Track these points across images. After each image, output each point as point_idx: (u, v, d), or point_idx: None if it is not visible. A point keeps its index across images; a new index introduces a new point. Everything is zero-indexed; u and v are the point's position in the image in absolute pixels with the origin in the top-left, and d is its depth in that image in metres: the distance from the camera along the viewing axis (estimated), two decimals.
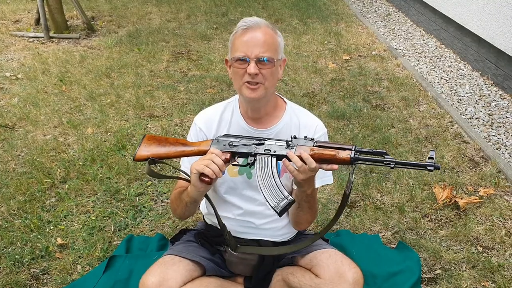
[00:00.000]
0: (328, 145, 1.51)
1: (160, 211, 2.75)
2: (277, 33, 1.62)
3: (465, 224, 2.60)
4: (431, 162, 1.43)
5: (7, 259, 2.37)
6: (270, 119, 1.75)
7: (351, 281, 1.63)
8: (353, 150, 1.48)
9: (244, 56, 1.55)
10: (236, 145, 1.58)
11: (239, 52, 1.56)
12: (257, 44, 1.54)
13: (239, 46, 1.56)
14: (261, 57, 1.55)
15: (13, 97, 4.24)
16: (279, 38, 1.63)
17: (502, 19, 4.25)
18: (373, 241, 2.47)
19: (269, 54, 1.56)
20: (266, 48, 1.55)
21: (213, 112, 1.81)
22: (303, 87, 4.45)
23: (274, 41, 1.59)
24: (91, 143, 3.45)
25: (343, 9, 7.29)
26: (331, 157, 1.48)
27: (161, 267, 1.65)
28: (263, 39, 1.55)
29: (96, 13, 7.02)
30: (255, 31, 1.55)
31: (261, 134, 1.72)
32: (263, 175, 1.54)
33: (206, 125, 1.78)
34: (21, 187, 2.93)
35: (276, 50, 1.60)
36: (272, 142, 1.57)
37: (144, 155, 1.64)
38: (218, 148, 1.59)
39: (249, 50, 1.54)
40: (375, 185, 2.95)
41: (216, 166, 1.51)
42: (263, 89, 1.60)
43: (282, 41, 1.65)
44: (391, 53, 5.32)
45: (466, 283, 2.21)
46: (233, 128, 1.76)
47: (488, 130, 3.67)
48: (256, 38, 1.55)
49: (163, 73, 4.82)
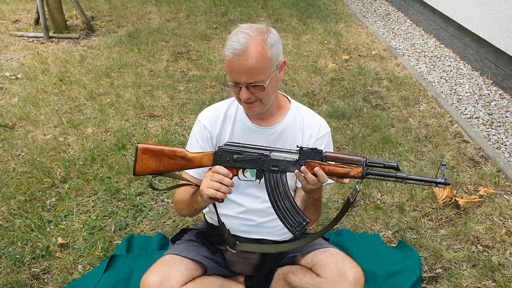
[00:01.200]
0: (338, 156, 1.48)
1: (160, 210, 2.75)
2: (267, 44, 1.54)
3: (465, 223, 2.61)
4: (441, 178, 1.43)
5: (8, 258, 2.37)
6: (275, 117, 1.76)
7: (352, 281, 1.63)
8: (364, 166, 1.47)
9: (235, 83, 1.56)
10: (241, 160, 1.55)
11: (230, 77, 1.56)
12: (244, 72, 1.52)
13: (230, 71, 1.55)
14: (251, 83, 1.54)
15: (13, 97, 4.24)
16: (270, 50, 1.54)
17: (501, 19, 4.25)
18: (373, 240, 2.48)
19: (259, 78, 1.54)
20: (254, 74, 1.53)
21: (217, 109, 1.80)
22: (303, 86, 4.45)
23: (263, 61, 1.53)
24: (91, 143, 3.45)
25: (343, 8, 7.29)
26: (343, 174, 1.48)
27: (162, 267, 1.65)
28: (251, 65, 1.51)
29: (96, 13, 7.02)
30: (241, 58, 1.50)
31: (265, 132, 1.73)
32: (276, 196, 1.54)
33: (211, 122, 1.77)
34: (22, 187, 2.93)
35: (267, 68, 1.55)
36: (279, 156, 1.53)
37: (144, 172, 1.58)
38: (222, 163, 1.55)
39: (238, 78, 1.54)
40: (375, 184, 2.95)
41: (227, 188, 1.51)
42: (260, 104, 1.62)
43: (277, 44, 1.58)
44: (391, 53, 5.32)
45: (467, 282, 2.22)
46: (237, 126, 1.76)
47: (488, 130, 3.67)
48: (243, 66, 1.51)
49: (163, 73, 4.82)
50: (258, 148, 1.56)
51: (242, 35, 1.52)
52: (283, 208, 1.54)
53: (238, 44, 1.51)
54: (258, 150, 1.55)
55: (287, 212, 1.54)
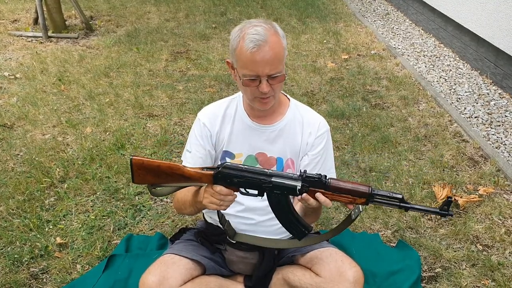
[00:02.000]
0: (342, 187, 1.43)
1: (159, 210, 2.75)
2: (280, 34, 1.56)
3: (464, 222, 2.60)
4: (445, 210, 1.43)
5: (6, 258, 2.36)
6: (274, 115, 1.76)
7: (352, 280, 1.62)
8: (369, 198, 1.43)
9: (256, 76, 1.53)
10: (242, 183, 1.50)
11: (249, 71, 1.52)
12: (268, 63, 1.50)
13: (249, 65, 1.52)
14: (273, 74, 1.53)
15: (11, 97, 4.23)
16: (283, 40, 1.56)
17: (501, 18, 4.25)
18: (373, 240, 2.47)
19: (279, 68, 1.53)
20: (276, 64, 1.52)
21: (217, 107, 1.80)
22: (302, 86, 4.45)
23: (281, 51, 1.54)
24: (90, 143, 3.44)
25: (342, 8, 7.29)
26: (348, 203, 1.46)
27: (161, 266, 1.65)
28: (273, 55, 1.50)
29: (95, 13, 7.01)
30: (264, 49, 1.49)
31: (265, 130, 1.73)
32: (278, 211, 1.54)
33: (210, 120, 1.77)
34: (20, 187, 2.92)
35: (283, 57, 1.57)
36: (281, 182, 1.46)
37: (143, 182, 1.54)
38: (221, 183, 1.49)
39: (260, 70, 1.51)
40: (374, 184, 2.95)
41: (229, 202, 1.51)
42: (273, 99, 1.63)
43: (285, 37, 1.60)
44: (390, 52, 5.32)
45: (466, 281, 2.21)
46: (236, 124, 1.76)
47: (487, 129, 3.67)
48: (266, 57, 1.49)
49: (162, 73, 4.81)
50: (259, 173, 1.48)
51: (259, 28, 1.51)
52: (286, 220, 1.55)
53: (259, 36, 1.49)
54: (259, 176, 1.47)
55: (290, 223, 1.55)
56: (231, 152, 1.78)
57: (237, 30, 1.55)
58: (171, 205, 2.78)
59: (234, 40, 1.55)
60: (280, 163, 1.77)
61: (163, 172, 1.51)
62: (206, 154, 1.77)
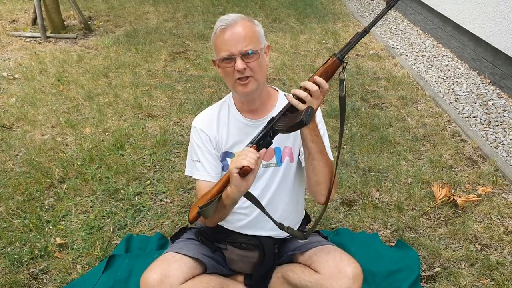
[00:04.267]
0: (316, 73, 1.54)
1: (159, 210, 2.75)
2: (254, 23, 1.64)
3: (463, 222, 2.61)
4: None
5: (6, 259, 2.36)
6: (266, 108, 1.77)
7: (351, 276, 1.63)
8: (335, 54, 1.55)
9: (229, 55, 1.57)
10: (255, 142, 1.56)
11: (223, 52, 1.58)
12: (238, 39, 1.56)
13: (222, 45, 1.58)
14: (245, 51, 1.56)
15: (10, 97, 4.23)
16: (257, 27, 1.64)
17: (499, 18, 4.26)
18: (372, 240, 2.48)
19: (252, 46, 1.58)
20: (248, 42, 1.57)
21: (209, 113, 1.83)
22: None
23: (253, 32, 1.60)
24: (89, 143, 3.44)
25: (340, 8, 7.30)
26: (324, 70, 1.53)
27: (162, 264, 1.65)
28: (243, 33, 1.57)
29: (93, 13, 7.01)
30: (233, 28, 1.56)
31: (260, 124, 1.72)
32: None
33: (206, 126, 1.79)
34: (20, 187, 2.92)
35: (258, 40, 1.61)
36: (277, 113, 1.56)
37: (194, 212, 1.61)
38: None
39: (232, 48, 1.56)
40: (373, 184, 2.95)
41: (252, 158, 1.47)
42: (254, 82, 1.63)
43: (261, 29, 1.66)
44: (389, 53, 5.33)
45: (465, 280, 2.22)
46: (232, 125, 1.78)
47: (486, 129, 3.68)
48: (235, 34, 1.56)
49: (160, 73, 4.81)
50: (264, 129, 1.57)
51: (232, 14, 1.61)
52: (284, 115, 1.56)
53: (229, 18, 1.58)
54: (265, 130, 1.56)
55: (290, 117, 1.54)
56: (231, 152, 1.79)
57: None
58: (171, 205, 2.79)
59: (212, 35, 1.64)
60: (278, 153, 1.78)
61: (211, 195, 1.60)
62: (214, 157, 1.78)
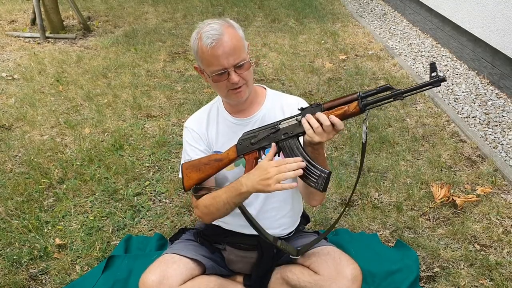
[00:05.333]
0: (334, 102, 1.53)
1: (158, 210, 2.75)
2: (235, 27, 1.63)
3: (462, 222, 2.62)
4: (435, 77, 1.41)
5: (5, 259, 2.36)
6: (254, 107, 1.78)
7: (350, 277, 1.63)
8: (359, 98, 1.52)
9: (222, 69, 1.57)
10: (257, 141, 1.62)
11: (215, 67, 1.57)
12: (229, 53, 1.56)
13: (213, 60, 1.57)
14: (237, 63, 1.57)
15: (9, 98, 4.23)
16: (239, 31, 1.63)
17: (497, 18, 4.27)
18: (371, 240, 2.48)
19: (243, 56, 1.59)
20: (238, 53, 1.57)
21: (200, 113, 1.86)
22: (300, 86, 4.46)
23: (239, 39, 1.60)
24: (89, 143, 3.44)
25: (339, 8, 7.30)
26: (342, 114, 1.51)
27: (161, 266, 1.66)
28: (232, 45, 1.56)
29: (92, 13, 7.01)
30: (222, 41, 1.55)
31: (248, 122, 1.76)
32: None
33: (196, 125, 1.82)
34: (19, 188, 2.92)
35: (244, 46, 1.62)
36: (286, 123, 1.59)
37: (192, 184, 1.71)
38: (244, 151, 1.64)
39: (225, 62, 1.56)
40: (373, 184, 2.96)
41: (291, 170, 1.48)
42: (247, 88, 1.65)
43: (241, 30, 1.65)
44: (388, 53, 5.33)
45: (464, 281, 2.23)
46: (221, 125, 1.80)
47: (485, 129, 3.69)
48: (226, 48, 1.55)
49: (160, 73, 4.81)
50: (268, 126, 1.63)
51: (213, 24, 1.58)
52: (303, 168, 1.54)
53: (214, 31, 1.55)
54: (268, 128, 1.62)
55: (307, 170, 1.53)
56: (220, 151, 1.79)
57: (194, 33, 1.61)
58: (170, 206, 2.79)
59: (193, 43, 1.61)
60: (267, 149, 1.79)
61: (203, 162, 1.69)
62: (206, 155, 1.78)
